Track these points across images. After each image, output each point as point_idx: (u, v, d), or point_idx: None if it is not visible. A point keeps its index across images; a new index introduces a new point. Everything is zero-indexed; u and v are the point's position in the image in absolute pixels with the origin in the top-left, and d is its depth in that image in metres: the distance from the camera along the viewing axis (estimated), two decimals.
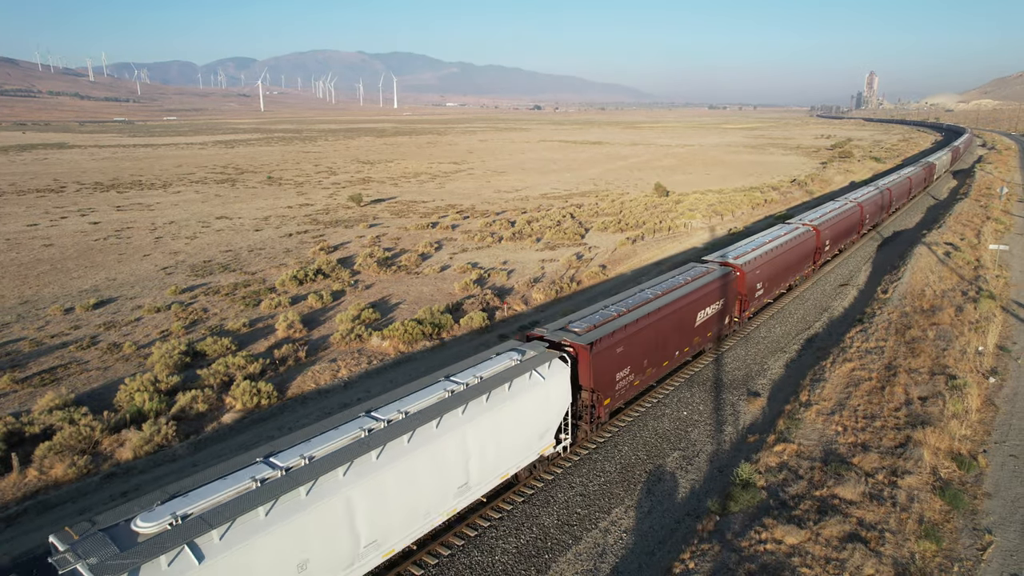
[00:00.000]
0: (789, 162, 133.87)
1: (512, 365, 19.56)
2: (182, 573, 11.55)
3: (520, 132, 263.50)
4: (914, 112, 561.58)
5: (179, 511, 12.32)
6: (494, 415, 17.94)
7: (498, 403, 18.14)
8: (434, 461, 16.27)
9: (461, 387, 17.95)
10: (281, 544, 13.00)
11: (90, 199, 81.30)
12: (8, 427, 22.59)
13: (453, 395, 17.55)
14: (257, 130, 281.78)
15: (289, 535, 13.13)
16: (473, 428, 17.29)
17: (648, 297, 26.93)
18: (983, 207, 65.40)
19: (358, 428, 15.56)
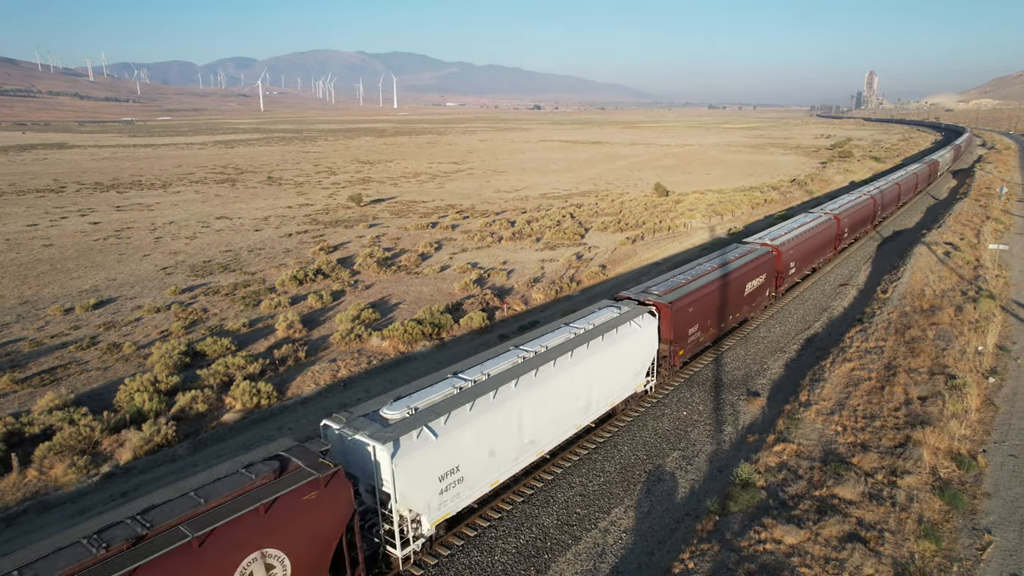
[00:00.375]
0: (789, 162, 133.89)
1: (615, 315, 24.03)
2: (424, 443, 16.07)
3: (520, 132, 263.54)
4: (914, 112, 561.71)
5: (411, 405, 16.99)
6: (606, 353, 22.30)
7: (610, 344, 22.54)
8: (571, 383, 20.80)
9: (581, 331, 22.44)
10: (480, 433, 17.50)
11: (90, 199, 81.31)
12: (8, 427, 22.61)
13: (579, 335, 22.16)
14: (257, 130, 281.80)
15: (484, 427, 17.63)
16: (594, 361, 21.70)
17: (707, 269, 31.71)
18: (983, 207, 65.41)
19: (515, 356, 20.36)
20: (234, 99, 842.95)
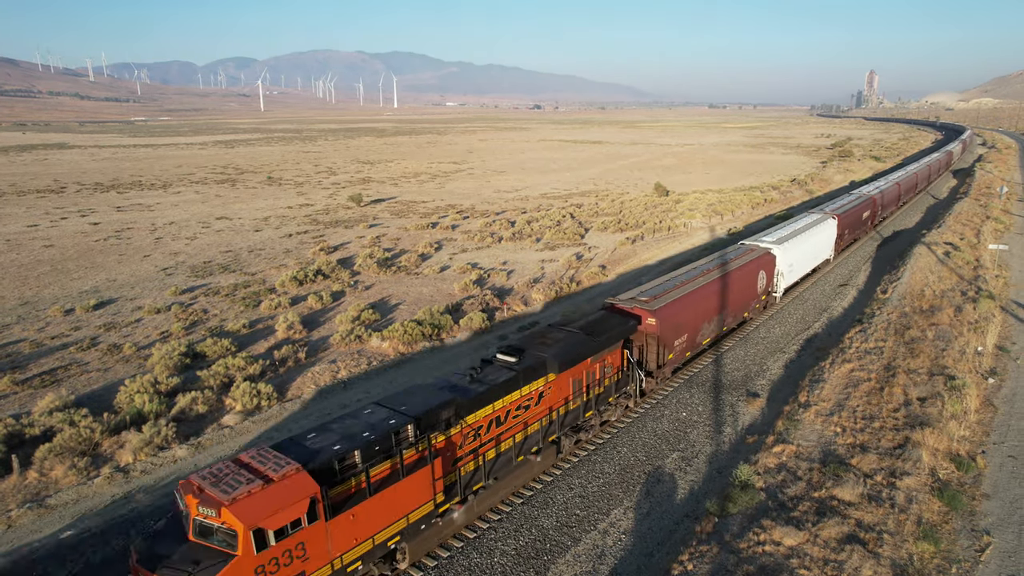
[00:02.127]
0: (789, 161, 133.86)
1: (817, 216, 46.84)
2: (788, 250, 37.57)
3: (520, 132, 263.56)
4: (914, 111, 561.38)
5: (777, 236, 39.53)
6: (816, 235, 43.49)
7: (818, 230, 44.12)
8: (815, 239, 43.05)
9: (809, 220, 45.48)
10: (799, 250, 39.52)
11: (90, 200, 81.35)
12: (8, 429, 22.64)
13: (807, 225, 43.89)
14: (257, 130, 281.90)
15: (801, 248, 39.87)
16: (814, 236, 43.02)
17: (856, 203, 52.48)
18: (983, 206, 65.39)
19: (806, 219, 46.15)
20: (234, 99, 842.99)
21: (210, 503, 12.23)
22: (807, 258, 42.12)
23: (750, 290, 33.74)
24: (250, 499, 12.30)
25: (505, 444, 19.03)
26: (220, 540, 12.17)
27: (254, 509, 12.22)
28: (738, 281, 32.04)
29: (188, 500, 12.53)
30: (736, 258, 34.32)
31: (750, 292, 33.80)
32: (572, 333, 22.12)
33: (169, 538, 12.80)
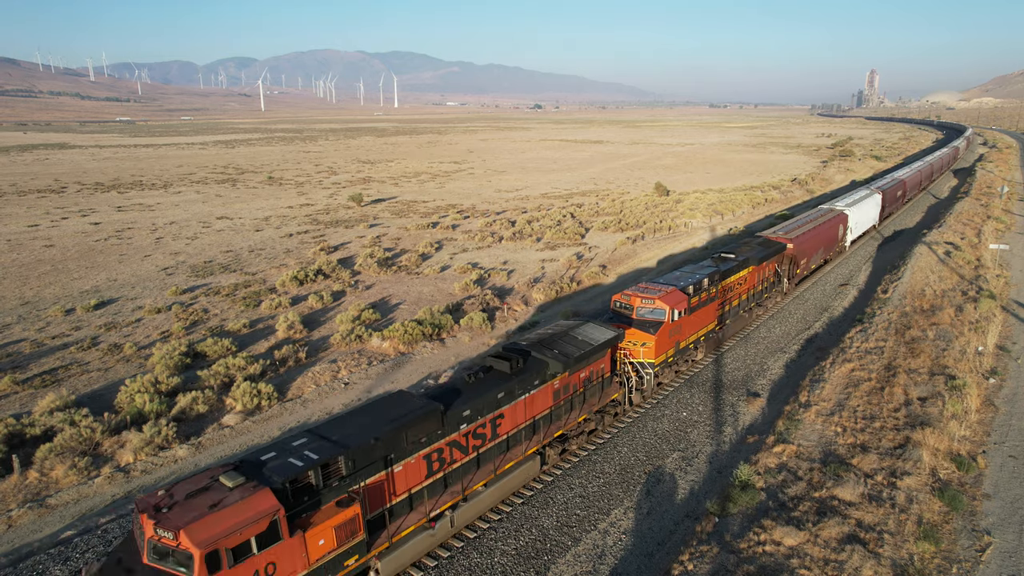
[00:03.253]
0: (790, 161, 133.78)
1: (867, 193, 57.05)
2: (854, 212, 50.24)
3: (520, 131, 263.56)
4: (915, 110, 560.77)
5: (845, 202, 52.50)
6: (868, 205, 55.13)
7: (870, 201, 55.83)
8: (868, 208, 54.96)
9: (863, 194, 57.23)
10: (859, 214, 52.16)
11: (91, 199, 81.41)
12: (9, 429, 22.65)
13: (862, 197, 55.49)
14: (257, 130, 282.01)
15: (860, 212, 52.57)
16: (867, 205, 54.76)
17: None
18: (984, 206, 65.34)
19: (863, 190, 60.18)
20: (235, 99, 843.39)
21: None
22: (864, 221, 54.71)
23: (834, 237, 47.14)
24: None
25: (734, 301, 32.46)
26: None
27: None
28: (829, 229, 45.66)
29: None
30: (825, 214, 47.52)
31: (835, 238, 47.22)
32: (760, 243, 37.02)
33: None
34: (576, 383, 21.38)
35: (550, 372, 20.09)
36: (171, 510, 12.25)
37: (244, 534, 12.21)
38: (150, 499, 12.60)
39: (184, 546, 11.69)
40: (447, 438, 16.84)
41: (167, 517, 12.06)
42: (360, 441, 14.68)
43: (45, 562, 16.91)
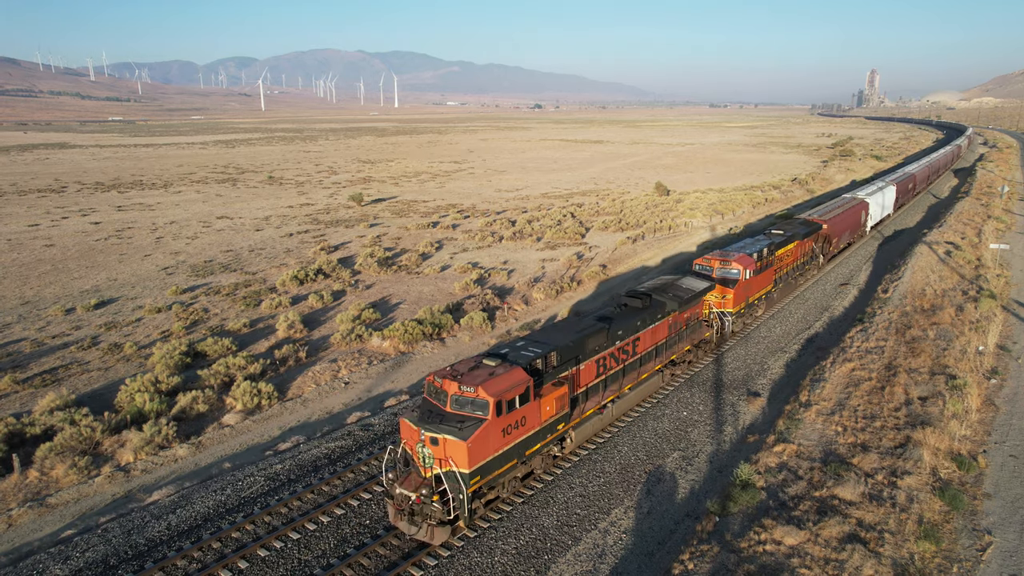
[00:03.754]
0: (790, 160, 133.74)
1: (883, 185, 61.15)
2: (874, 201, 56.09)
3: (521, 131, 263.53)
4: (916, 110, 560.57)
5: (865, 192, 57.09)
6: (885, 195, 59.63)
7: (886, 192, 59.96)
8: (884, 198, 59.34)
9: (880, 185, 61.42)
10: (878, 202, 56.84)
11: (91, 199, 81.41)
12: (9, 428, 22.65)
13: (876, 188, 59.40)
14: (258, 129, 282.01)
15: (879, 201, 57.35)
16: (884, 195, 59.12)
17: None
18: (984, 206, 65.31)
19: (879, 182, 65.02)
20: (235, 98, 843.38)
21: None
22: (881, 209, 59.65)
23: (858, 221, 52.47)
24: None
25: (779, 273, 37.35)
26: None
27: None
28: (854, 214, 50.85)
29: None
30: (850, 201, 52.67)
31: (858, 223, 52.56)
32: (801, 222, 43.01)
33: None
34: (682, 321, 27.26)
35: (667, 310, 25.89)
36: (464, 376, 17.57)
37: (513, 393, 17.73)
38: (446, 372, 18.08)
39: (482, 396, 17.08)
40: (608, 349, 22.43)
41: (466, 380, 17.37)
42: (562, 344, 20.32)
43: (45, 561, 16.90)
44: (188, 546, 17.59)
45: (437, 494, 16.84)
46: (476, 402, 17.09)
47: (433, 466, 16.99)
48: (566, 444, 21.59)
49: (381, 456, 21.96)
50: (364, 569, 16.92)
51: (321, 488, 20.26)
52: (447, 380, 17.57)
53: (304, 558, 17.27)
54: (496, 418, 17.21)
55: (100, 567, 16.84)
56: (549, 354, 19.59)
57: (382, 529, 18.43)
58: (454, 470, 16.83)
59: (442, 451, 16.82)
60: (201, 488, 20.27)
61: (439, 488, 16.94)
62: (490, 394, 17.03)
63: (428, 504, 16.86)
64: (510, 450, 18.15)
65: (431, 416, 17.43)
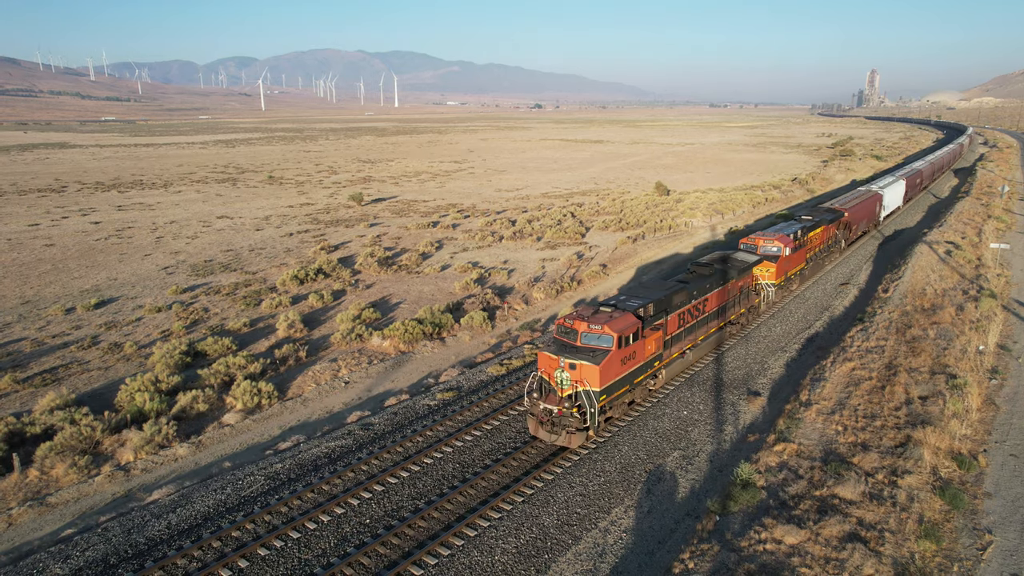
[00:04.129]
0: (790, 160, 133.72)
1: (894, 180, 65.38)
2: (887, 193, 59.49)
3: (521, 131, 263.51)
4: (916, 110, 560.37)
5: (879, 185, 61.22)
6: (895, 188, 63.69)
7: (896, 186, 64.16)
8: (895, 191, 63.52)
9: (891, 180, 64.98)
10: (890, 195, 60.97)
11: (91, 199, 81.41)
12: (9, 427, 22.65)
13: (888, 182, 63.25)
14: (258, 129, 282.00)
15: (890, 194, 61.26)
16: (895, 189, 63.49)
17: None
18: (984, 205, 65.29)
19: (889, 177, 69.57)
20: (236, 98, 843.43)
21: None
22: (893, 202, 63.85)
23: (873, 211, 56.42)
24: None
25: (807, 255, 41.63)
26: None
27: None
28: (870, 205, 55.00)
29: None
30: (865, 193, 56.91)
31: (873, 213, 56.49)
32: (826, 210, 47.28)
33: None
34: (738, 288, 31.87)
35: (728, 277, 30.45)
36: (591, 318, 22.35)
37: (628, 331, 22.34)
38: (574, 315, 22.76)
39: (607, 332, 21.79)
40: (687, 306, 26.89)
41: (593, 321, 22.17)
42: (656, 298, 24.90)
43: (45, 560, 16.89)
44: (188, 545, 17.58)
45: (575, 407, 21.21)
46: (602, 337, 21.78)
47: (569, 387, 21.31)
48: (658, 379, 26.15)
49: (381, 456, 21.99)
50: (364, 568, 16.92)
51: (321, 487, 20.25)
52: (577, 321, 22.33)
53: (304, 557, 17.27)
54: (617, 350, 21.82)
55: (100, 566, 16.83)
56: (648, 305, 24.08)
57: (382, 528, 18.44)
58: (588, 389, 21.18)
59: (578, 374, 21.23)
60: (201, 487, 20.26)
61: (575, 403, 21.28)
62: (613, 331, 21.80)
63: (568, 415, 21.14)
64: (624, 377, 22.71)
65: (565, 349, 21.88)
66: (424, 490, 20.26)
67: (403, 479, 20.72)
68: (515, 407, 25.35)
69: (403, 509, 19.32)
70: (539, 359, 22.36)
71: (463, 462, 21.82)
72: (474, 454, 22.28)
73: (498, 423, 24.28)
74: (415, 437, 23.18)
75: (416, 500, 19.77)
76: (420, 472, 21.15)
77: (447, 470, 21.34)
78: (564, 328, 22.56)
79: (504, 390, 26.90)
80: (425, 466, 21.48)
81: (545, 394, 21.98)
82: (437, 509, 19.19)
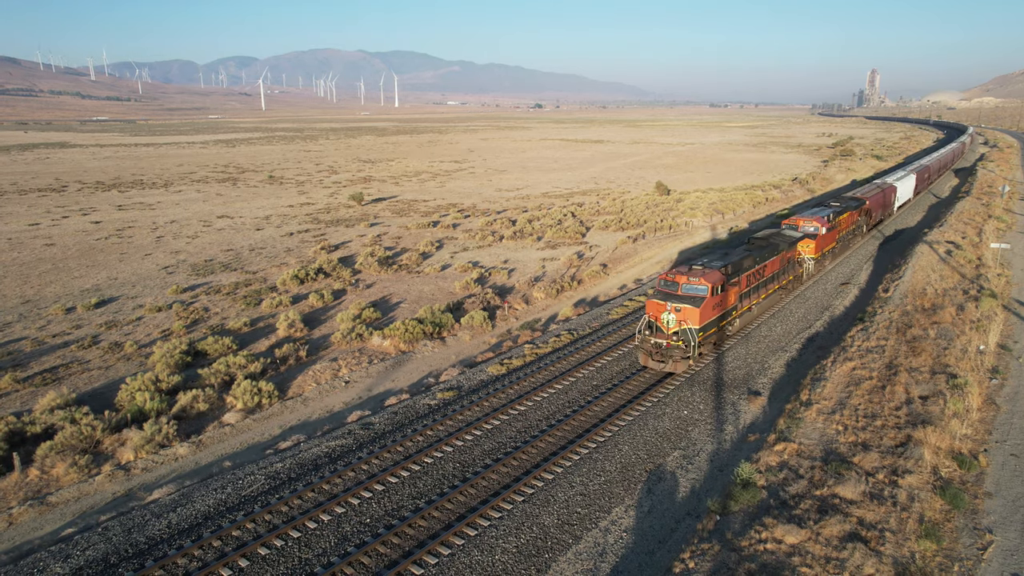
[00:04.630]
0: (790, 160, 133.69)
1: (905, 174, 70.71)
2: (900, 186, 65.56)
3: (521, 131, 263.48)
4: (916, 110, 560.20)
5: (894, 178, 67.33)
6: (907, 182, 69.26)
7: (908, 180, 69.48)
8: (907, 184, 68.95)
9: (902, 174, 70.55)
10: (903, 188, 67.02)
11: (92, 198, 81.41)
12: (10, 427, 22.65)
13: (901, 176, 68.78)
14: (258, 129, 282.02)
15: (903, 187, 67.09)
16: (907, 182, 68.78)
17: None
18: (985, 205, 65.25)
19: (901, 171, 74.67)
20: (236, 98, 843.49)
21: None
22: (905, 194, 69.27)
23: (889, 202, 61.94)
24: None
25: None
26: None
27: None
28: (886, 196, 60.57)
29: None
30: (882, 185, 62.00)
31: (889, 203, 62.02)
32: (849, 198, 53.06)
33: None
34: (786, 260, 37.03)
35: (780, 249, 36.07)
36: (689, 272, 28.33)
37: (717, 284, 28.29)
38: (674, 272, 28.79)
39: (703, 283, 27.79)
40: (752, 269, 32.61)
41: (691, 275, 28.13)
42: (733, 260, 30.89)
43: (46, 559, 16.89)
44: (189, 544, 17.58)
45: (681, 341, 27.35)
46: (699, 287, 27.80)
47: (675, 325, 27.49)
48: (734, 325, 32.31)
49: (382, 455, 21.99)
50: (365, 568, 16.92)
51: (322, 487, 20.25)
52: (679, 275, 28.46)
53: (305, 556, 17.27)
54: (710, 297, 27.87)
55: (101, 565, 16.83)
56: (728, 265, 29.97)
57: (383, 528, 18.44)
58: (690, 327, 27.27)
59: (682, 316, 27.40)
60: (202, 486, 20.26)
61: (680, 339, 27.38)
62: (708, 282, 27.91)
63: (675, 347, 27.40)
64: (714, 320, 28.85)
65: (669, 297, 28.03)
66: (424, 489, 20.26)
67: (403, 478, 20.73)
68: (515, 407, 25.37)
69: (403, 508, 19.32)
70: (647, 306, 28.68)
71: (463, 461, 21.82)
72: (474, 453, 22.29)
73: (499, 423, 24.28)
74: (415, 436, 23.19)
75: (416, 499, 19.78)
76: (420, 471, 21.16)
77: (447, 469, 21.34)
78: (666, 282, 28.66)
79: (504, 389, 26.91)
80: (425, 465, 21.48)
81: (653, 332, 28.02)
82: (437, 508, 19.19)
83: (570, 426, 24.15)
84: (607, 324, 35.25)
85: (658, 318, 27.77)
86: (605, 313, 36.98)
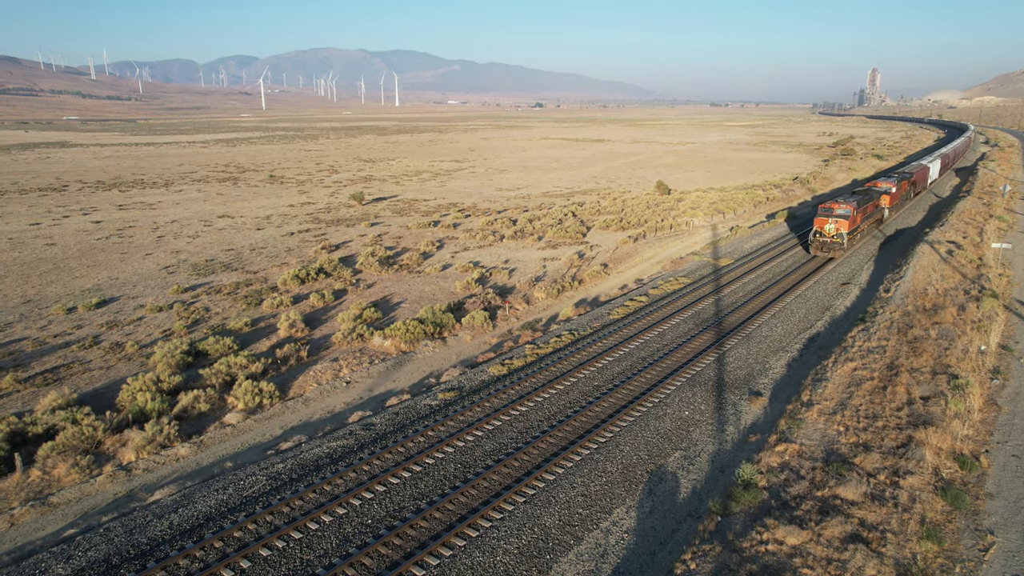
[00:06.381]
0: (791, 160, 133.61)
1: (933, 158, 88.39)
2: (932, 167, 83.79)
3: (522, 130, 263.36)
4: (917, 109, 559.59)
5: (927, 160, 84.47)
6: (936, 165, 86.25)
7: (936, 162, 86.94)
8: (935, 167, 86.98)
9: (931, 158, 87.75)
10: (933, 168, 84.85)
11: (92, 198, 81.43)
12: (11, 427, 22.66)
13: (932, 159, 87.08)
14: (259, 128, 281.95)
15: (933, 168, 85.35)
16: (935, 165, 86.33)
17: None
18: (986, 205, 65.21)
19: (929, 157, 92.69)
20: (236, 97, 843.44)
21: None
22: (934, 173, 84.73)
23: (926, 178, 78.19)
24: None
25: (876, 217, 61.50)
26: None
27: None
28: (923, 173, 76.70)
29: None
30: (919, 166, 76.98)
31: (926, 178, 78.35)
32: (902, 171, 71.84)
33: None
34: (876, 204, 56.27)
35: (874, 197, 55.52)
36: (839, 201, 50.20)
37: (854, 208, 49.18)
38: (830, 203, 50.12)
39: (848, 207, 48.93)
40: (865, 206, 52.08)
41: (842, 203, 49.75)
42: (858, 199, 51.50)
43: (47, 560, 16.90)
44: (190, 545, 17.58)
45: (838, 238, 47.40)
46: (846, 210, 47.93)
47: (833, 230, 47.53)
48: (856, 238, 50.43)
49: (383, 456, 21.96)
50: (366, 569, 16.92)
51: (323, 487, 20.26)
52: (834, 204, 48.99)
53: (306, 557, 17.28)
54: (853, 215, 47.68)
55: (102, 566, 16.84)
56: (856, 201, 49.51)
57: (384, 528, 18.43)
58: (842, 231, 47.34)
59: (838, 226, 47.38)
60: (203, 487, 20.27)
61: (837, 239, 47.50)
62: (850, 206, 48.23)
63: (835, 242, 47.81)
64: (854, 230, 48.28)
65: (829, 214, 47.89)
66: (426, 490, 20.27)
67: (405, 479, 20.73)
68: (517, 407, 25.37)
69: (405, 509, 19.33)
70: (815, 222, 48.50)
71: (464, 462, 21.82)
72: (476, 454, 22.29)
73: (500, 423, 24.28)
74: (417, 437, 23.19)
75: (418, 500, 19.78)
76: (422, 472, 21.16)
77: (449, 470, 21.35)
78: (826, 208, 48.53)
79: (506, 390, 26.90)
80: (426, 466, 21.48)
81: (818, 236, 48.14)
82: (439, 509, 19.19)
83: (571, 427, 24.16)
84: (608, 324, 35.25)
85: (822, 228, 47.68)
86: (606, 313, 36.97)
